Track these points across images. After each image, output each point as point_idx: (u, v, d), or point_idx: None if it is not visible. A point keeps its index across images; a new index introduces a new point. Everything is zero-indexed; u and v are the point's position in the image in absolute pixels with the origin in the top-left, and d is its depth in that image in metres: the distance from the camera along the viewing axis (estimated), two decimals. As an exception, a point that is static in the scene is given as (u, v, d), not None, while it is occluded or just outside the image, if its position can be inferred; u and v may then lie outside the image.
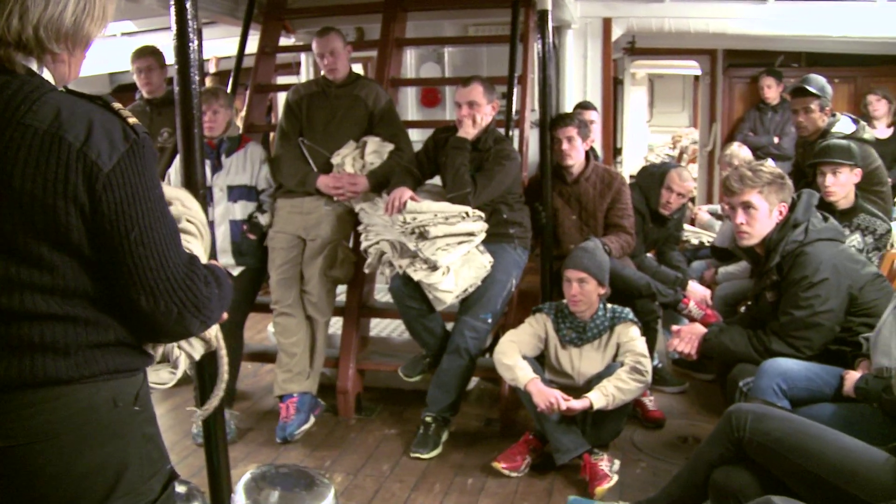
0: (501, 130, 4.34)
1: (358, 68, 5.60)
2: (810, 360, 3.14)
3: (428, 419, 3.97)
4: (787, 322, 3.18)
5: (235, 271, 4.20)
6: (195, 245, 1.78)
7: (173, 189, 1.63)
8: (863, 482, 2.24)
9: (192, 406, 4.08)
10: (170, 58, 2.52)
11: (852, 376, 2.89)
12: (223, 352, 1.96)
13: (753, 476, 2.48)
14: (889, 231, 4.06)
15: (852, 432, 2.48)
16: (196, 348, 1.86)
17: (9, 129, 1.39)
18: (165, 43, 3.28)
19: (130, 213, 1.44)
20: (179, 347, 1.82)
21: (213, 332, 1.85)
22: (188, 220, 1.80)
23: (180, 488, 2.53)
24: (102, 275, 1.48)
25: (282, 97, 5.46)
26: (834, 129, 4.63)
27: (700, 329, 3.52)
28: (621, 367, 3.57)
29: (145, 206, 1.46)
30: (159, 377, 1.80)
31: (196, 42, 2.40)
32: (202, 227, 1.85)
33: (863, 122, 4.79)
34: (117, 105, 1.48)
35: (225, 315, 1.72)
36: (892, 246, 4.15)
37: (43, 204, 1.39)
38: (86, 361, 1.48)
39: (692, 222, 6.15)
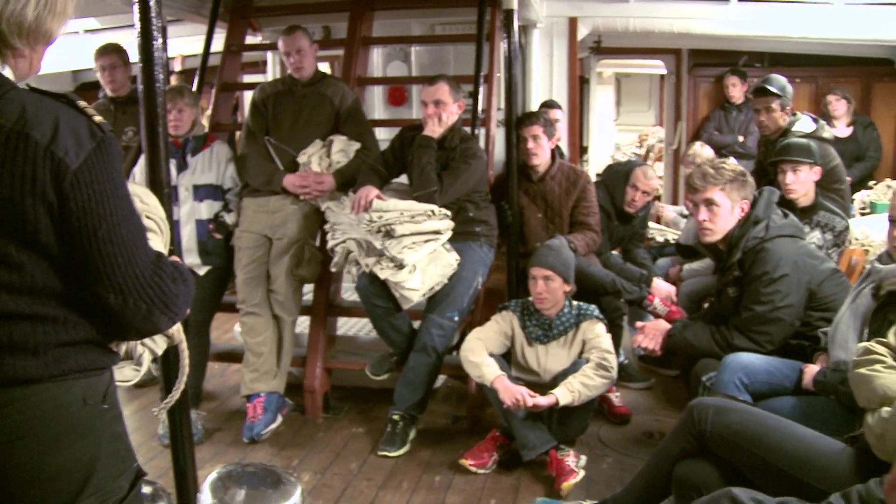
0: (468, 129, 4.37)
1: (325, 67, 5.58)
2: (771, 354, 3.19)
3: (395, 417, 3.98)
4: (749, 317, 3.24)
5: (201, 271, 4.19)
6: (155, 241, 1.78)
7: (131, 185, 1.64)
8: (819, 471, 2.28)
9: (158, 408, 4.06)
10: (134, 55, 2.50)
11: (811, 370, 2.95)
12: (184, 345, 1.97)
13: (715, 469, 2.51)
14: (847, 228, 4.14)
15: (811, 424, 2.54)
16: (159, 344, 1.87)
17: None
18: (129, 40, 3.26)
19: (98, 210, 1.44)
20: (143, 344, 1.83)
21: (175, 326, 1.85)
22: (147, 217, 1.81)
23: (146, 489, 2.51)
24: (71, 273, 1.48)
25: (248, 96, 5.44)
26: (794, 128, 4.72)
27: (664, 325, 3.56)
28: (587, 364, 3.60)
29: (113, 203, 1.47)
30: (123, 375, 1.80)
31: (160, 40, 2.38)
32: (162, 224, 1.86)
33: (822, 122, 4.88)
34: (82, 103, 1.48)
35: (188, 311, 1.72)
36: (850, 242, 4.22)
37: (11, 202, 1.39)
38: (55, 360, 1.48)
39: (658, 220, 6.20)
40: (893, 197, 2.84)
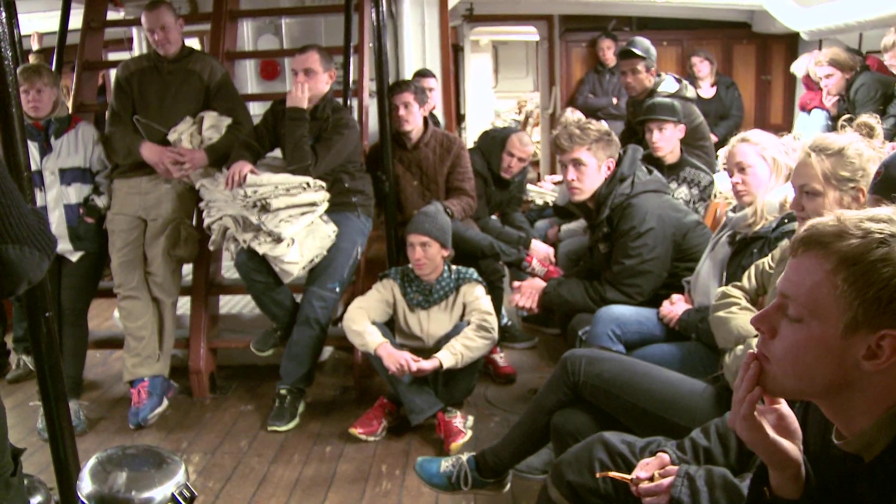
0: (340, 100, 4.35)
1: (193, 42, 5.44)
2: (642, 305, 3.32)
3: (283, 392, 3.98)
4: (619, 271, 3.36)
5: (74, 257, 4.06)
6: None
7: None
8: (684, 410, 2.41)
9: (35, 401, 3.93)
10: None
11: (669, 310, 3.12)
12: None
13: (589, 416, 2.59)
14: (712, 182, 4.32)
15: (680, 368, 2.68)
16: None
17: None
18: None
19: None
20: None
21: None
22: None
23: (20, 482, 2.44)
24: None
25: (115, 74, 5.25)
26: (659, 89, 4.90)
27: (539, 283, 3.66)
28: (468, 326, 3.66)
29: None
30: None
31: (5, 14, 2.29)
32: None
33: (685, 82, 5.08)
34: None
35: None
36: (715, 196, 4.42)
37: None
38: None
39: (536, 183, 6.33)
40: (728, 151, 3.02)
